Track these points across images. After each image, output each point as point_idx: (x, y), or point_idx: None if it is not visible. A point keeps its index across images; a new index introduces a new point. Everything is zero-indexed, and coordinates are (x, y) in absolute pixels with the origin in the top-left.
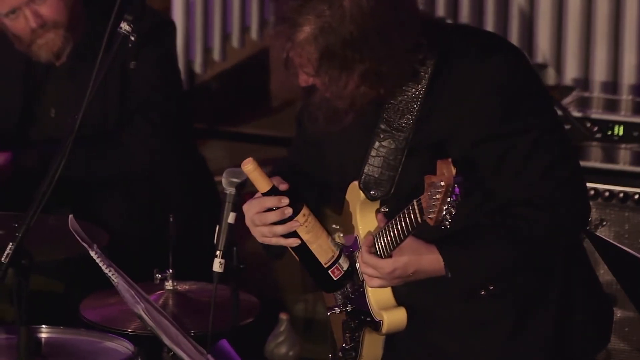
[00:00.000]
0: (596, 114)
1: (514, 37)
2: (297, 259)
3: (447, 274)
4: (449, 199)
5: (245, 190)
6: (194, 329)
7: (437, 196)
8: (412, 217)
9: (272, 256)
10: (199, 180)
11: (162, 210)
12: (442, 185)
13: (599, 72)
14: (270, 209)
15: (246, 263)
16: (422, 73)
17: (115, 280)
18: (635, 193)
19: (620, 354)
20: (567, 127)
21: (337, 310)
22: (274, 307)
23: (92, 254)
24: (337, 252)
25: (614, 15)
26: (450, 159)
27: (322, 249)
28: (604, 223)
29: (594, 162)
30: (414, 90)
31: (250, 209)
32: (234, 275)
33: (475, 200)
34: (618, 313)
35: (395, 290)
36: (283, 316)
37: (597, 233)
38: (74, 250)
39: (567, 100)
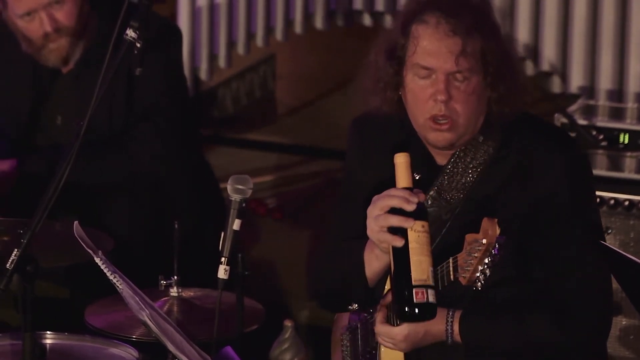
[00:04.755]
0: (602, 122)
1: (519, 45)
2: (392, 268)
3: (448, 340)
4: (486, 260)
5: (251, 197)
6: (199, 336)
7: (476, 254)
8: (445, 274)
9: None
10: (204, 186)
11: (167, 216)
12: (484, 243)
13: (605, 80)
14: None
15: (251, 270)
16: (482, 151)
17: (120, 286)
18: None
19: None
20: (573, 134)
21: None
22: (279, 313)
23: (97, 260)
24: (431, 282)
25: (620, 23)
26: (496, 220)
27: (421, 267)
28: (609, 231)
29: (599, 170)
30: (471, 166)
31: (381, 195)
32: (239, 282)
33: (507, 268)
34: (623, 321)
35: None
36: (288, 323)
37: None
38: (79, 257)
39: (572, 108)
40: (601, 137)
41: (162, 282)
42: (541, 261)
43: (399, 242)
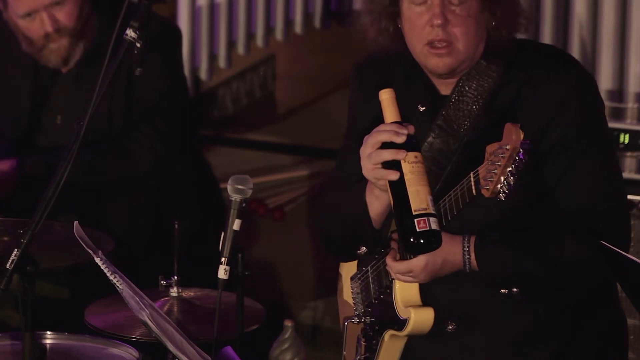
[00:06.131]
0: None
1: None
2: (392, 203)
3: (466, 268)
4: (510, 168)
5: (251, 197)
6: (199, 336)
7: (499, 162)
8: (466, 190)
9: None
10: (204, 186)
11: (168, 216)
12: (508, 149)
13: (605, 80)
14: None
15: (251, 270)
16: (486, 77)
17: (120, 286)
18: None
19: None
20: None
21: (356, 320)
22: (279, 313)
23: (97, 260)
24: (432, 210)
25: (620, 23)
26: (519, 124)
27: (419, 196)
28: None
29: None
30: (476, 93)
31: (370, 134)
32: (239, 282)
33: (520, 191)
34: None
35: (423, 291)
36: (288, 323)
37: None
38: (79, 257)
39: None
40: None
41: (162, 282)
42: (556, 180)
43: (394, 176)
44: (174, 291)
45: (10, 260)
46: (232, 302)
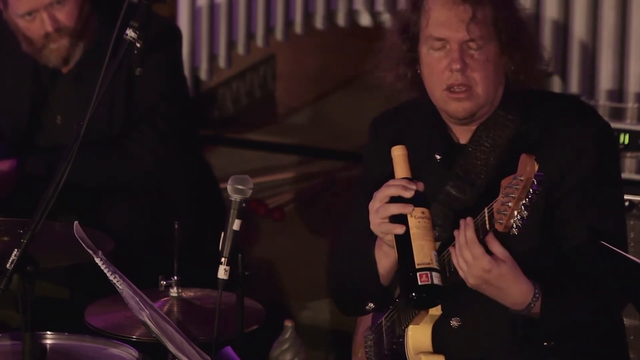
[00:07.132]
0: None
1: None
2: (396, 255)
3: (525, 310)
4: (523, 201)
5: (251, 197)
6: (199, 336)
7: (513, 194)
8: (480, 226)
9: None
10: (204, 187)
11: (168, 216)
12: (522, 180)
13: (605, 80)
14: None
15: (251, 270)
16: (504, 127)
17: (120, 286)
18: None
19: None
20: None
21: None
22: (279, 314)
23: (97, 260)
24: (435, 265)
25: (620, 24)
26: (534, 156)
27: (423, 251)
28: None
29: None
30: (493, 143)
31: (380, 189)
32: (239, 282)
33: (533, 240)
34: (624, 321)
35: (435, 340)
36: (288, 323)
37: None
38: (79, 257)
39: None
40: None
41: (162, 282)
42: (570, 233)
43: (399, 229)
44: (174, 291)
45: (10, 260)
46: (232, 302)
